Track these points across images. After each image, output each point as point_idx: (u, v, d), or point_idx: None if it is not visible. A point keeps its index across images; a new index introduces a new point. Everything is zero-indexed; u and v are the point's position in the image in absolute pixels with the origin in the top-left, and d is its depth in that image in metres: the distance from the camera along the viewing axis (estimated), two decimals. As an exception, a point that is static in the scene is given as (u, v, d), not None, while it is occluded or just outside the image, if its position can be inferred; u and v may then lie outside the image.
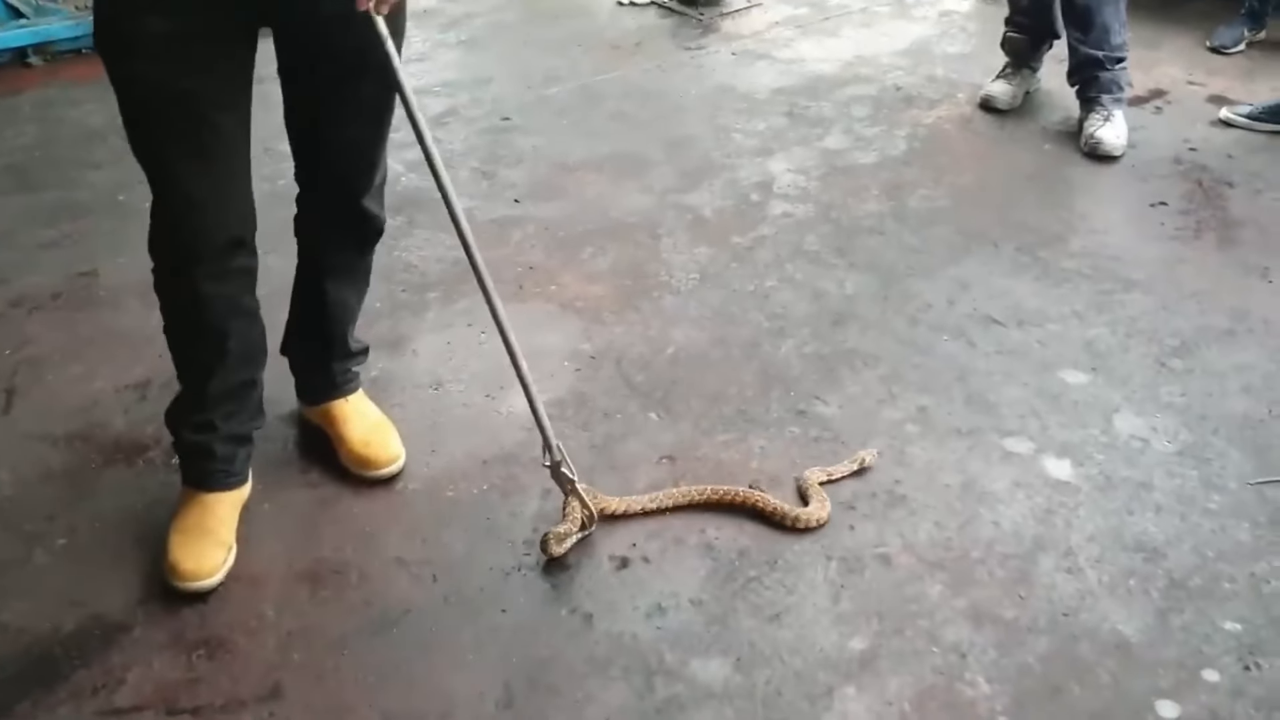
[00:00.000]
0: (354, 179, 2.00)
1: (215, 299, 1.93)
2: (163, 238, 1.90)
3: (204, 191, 1.82)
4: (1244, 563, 2.09)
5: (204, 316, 1.94)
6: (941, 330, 2.71)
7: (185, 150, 1.78)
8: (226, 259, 1.91)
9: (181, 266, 1.90)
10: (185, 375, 2.05)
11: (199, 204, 1.83)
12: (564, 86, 3.94)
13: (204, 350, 1.99)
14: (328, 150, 1.97)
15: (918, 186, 3.32)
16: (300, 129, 1.98)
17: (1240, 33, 4.19)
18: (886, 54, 4.19)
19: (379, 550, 2.11)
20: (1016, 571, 2.08)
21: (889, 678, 1.88)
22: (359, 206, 2.03)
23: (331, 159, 1.98)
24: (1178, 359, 2.61)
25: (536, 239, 3.03)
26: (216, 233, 1.87)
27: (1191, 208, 3.22)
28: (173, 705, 1.82)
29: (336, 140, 1.94)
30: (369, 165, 2.00)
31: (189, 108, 1.74)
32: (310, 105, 1.92)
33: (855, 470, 2.27)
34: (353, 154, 1.97)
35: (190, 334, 2.00)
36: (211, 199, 1.84)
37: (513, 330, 2.05)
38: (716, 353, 2.63)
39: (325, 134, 1.95)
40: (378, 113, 1.95)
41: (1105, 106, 3.51)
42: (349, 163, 1.97)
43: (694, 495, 2.18)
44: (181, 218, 1.86)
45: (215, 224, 1.87)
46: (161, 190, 1.84)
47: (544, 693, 1.85)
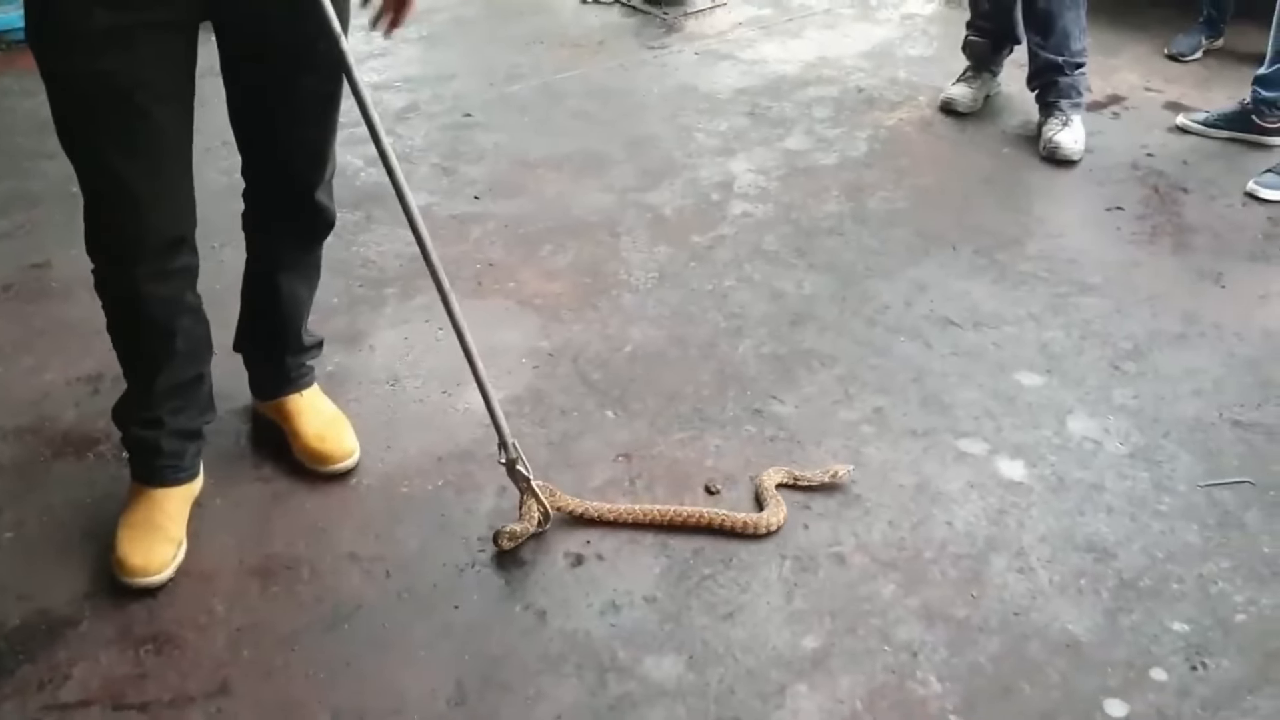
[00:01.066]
0: (306, 173, 1.98)
1: (158, 299, 1.90)
2: (102, 238, 1.86)
3: (146, 189, 1.79)
4: (1193, 564, 2.11)
5: (148, 316, 1.92)
6: (899, 331, 2.72)
7: (127, 147, 1.74)
8: (168, 258, 1.88)
9: (123, 267, 1.86)
10: (131, 373, 2.03)
11: (141, 202, 1.80)
12: (526, 84, 3.93)
13: (149, 349, 1.97)
14: (277, 145, 1.95)
15: (878, 188, 3.34)
16: (247, 124, 1.95)
17: (1198, 40, 4.24)
18: (849, 56, 4.21)
19: (331, 546, 2.09)
20: (969, 571, 2.09)
21: (841, 676, 1.89)
22: (311, 200, 2.01)
23: (281, 154, 1.95)
24: (1131, 362, 2.64)
25: (496, 236, 3.02)
26: (159, 232, 1.84)
27: (1147, 212, 3.26)
28: (119, 700, 1.80)
29: (286, 135, 1.92)
30: (320, 158, 1.98)
31: (132, 103, 1.71)
32: (257, 99, 1.90)
33: (826, 482, 2.26)
34: (303, 148, 1.94)
35: (134, 333, 1.97)
36: (154, 197, 1.81)
37: (469, 327, 2.03)
38: (674, 351, 2.63)
39: (274, 129, 1.92)
40: (326, 105, 1.93)
41: (1064, 111, 3.55)
42: (300, 157, 1.95)
43: (655, 515, 2.15)
44: (123, 217, 1.82)
45: (157, 223, 1.84)
46: (100, 189, 1.80)
47: (496, 690, 1.84)
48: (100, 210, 1.83)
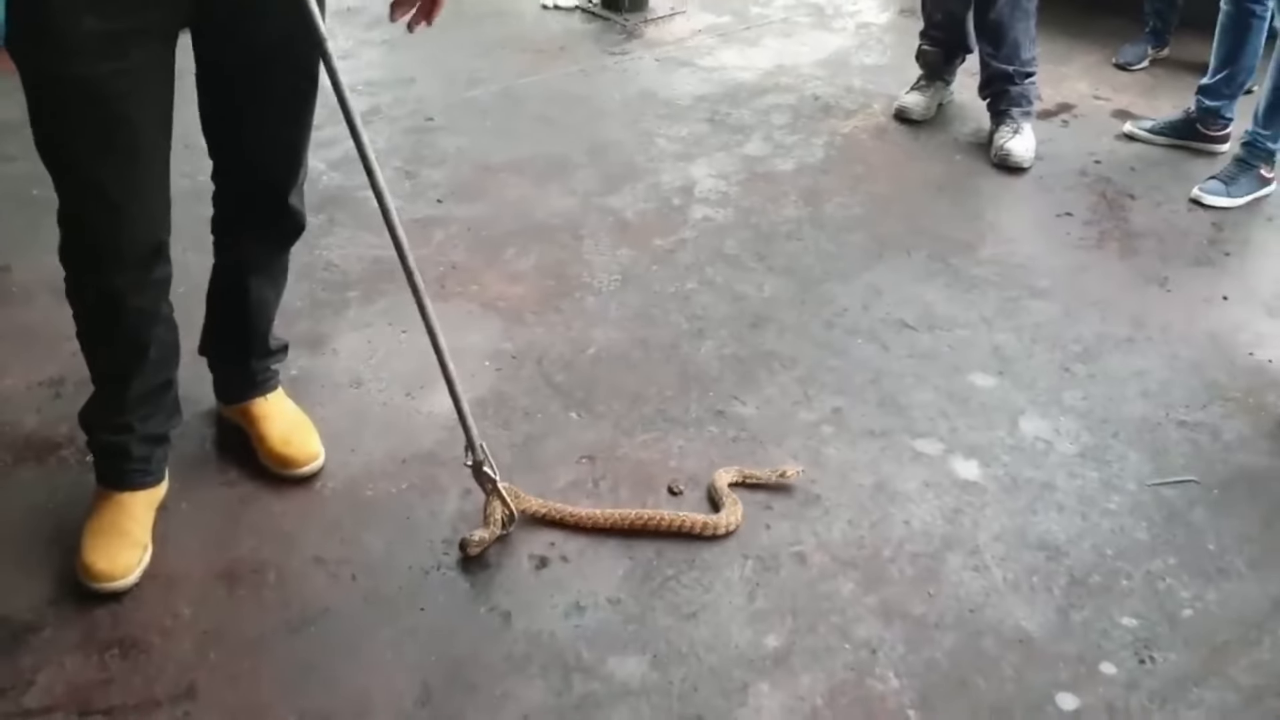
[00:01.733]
0: (280, 175, 1.98)
1: (136, 309, 1.90)
2: (79, 246, 1.86)
3: (129, 198, 1.79)
4: (1141, 561, 2.18)
5: (125, 325, 1.92)
6: (856, 333, 2.77)
7: (109, 153, 1.74)
8: (148, 268, 1.88)
9: (103, 276, 1.86)
10: (102, 379, 2.02)
11: (124, 211, 1.80)
12: (488, 88, 3.94)
13: (123, 357, 1.97)
14: (251, 148, 1.95)
15: (834, 194, 3.39)
16: (220, 127, 1.95)
17: (1144, 50, 4.34)
18: (806, 64, 4.26)
19: (297, 549, 2.10)
20: (925, 569, 2.14)
21: (802, 674, 1.93)
22: (285, 204, 2.03)
23: (256, 155, 1.96)
24: (1080, 364, 2.71)
25: (459, 239, 3.04)
26: (139, 240, 1.85)
27: (1095, 218, 3.33)
28: (85, 706, 1.80)
29: (260, 135, 1.93)
30: (294, 160, 1.99)
31: (118, 110, 1.71)
32: (232, 101, 1.90)
33: (775, 480, 2.30)
34: (278, 149, 1.95)
35: (109, 341, 1.97)
36: (134, 204, 1.81)
37: (422, 326, 2.05)
38: (637, 353, 2.66)
39: (249, 130, 1.93)
40: (301, 104, 1.94)
41: (1015, 119, 3.61)
42: (274, 158, 1.96)
43: (616, 518, 2.17)
44: (105, 226, 1.82)
45: (138, 231, 1.84)
46: (82, 198, 1.79)
47: (462, 690, 1.86)
48: (81, 220, 1.82)
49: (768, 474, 2.30)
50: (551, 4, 4.62)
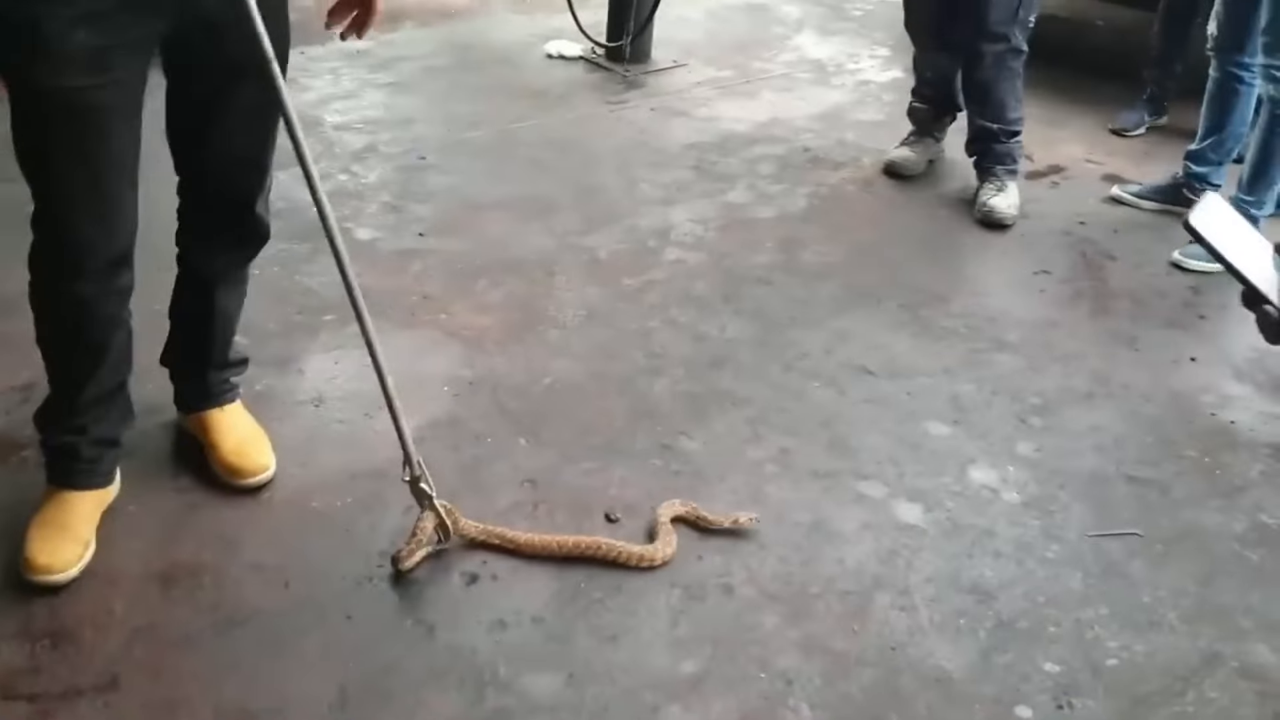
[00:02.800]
0: (245, 184, 2.06)
1: (98, 315, 1.99)
2: (49, 251, 1.94)
3: (98, 206, 1.88)
4: (1072, 609, 2.19)
5: (86, 330, 2.00)
6: (815, 377, 2.81)
7: (84, 164, 1.83)
8: (113, 275, 1.97)
9: (68, 281, 1.94)
10: (59, 383, 2.10)
11: (93, 219, 1.89)
12: (484, 131, 4.04)
13: (82, 361, 2.05)
14: (216, 159, 2.03)
15: (812, 242, 3.44)
16: (186, 136, 2.03)
17: (1141, 117, 4.38)
18: (801, 117, 4.34)
19: (237, 555, 2.16)
20: (853, 606, 2.16)
21: (714, 700, 1.95)
22: (250, 212, 2.10)
23: (221, 164, 2.03)
24: (1037, 417, 2.73)
25: (435, 270, 3.12)
26: (106, 248, 1.93)
27: (1072, 277, 3.36)
28: (10, 691, 1.86)
29: (226, 149, 1.99)
30: (259, 169, 2.06)
31: (99, 122, 1.80)
32: (198, 110, 1.98)
33: (728, 524, 2.29)
34: (243, 163, 2.02)
35: (69, 346, 2.05)
36: (104, 214, 1.89)
37: (396, 354, 2.16)
38: (592, 386, 2.71)
39: (214, 143, 2.00)
40: (265, 115, 1.99)
41: (999, 177, 3.66)
42: (239, 167, 2.03)
43: (552, 545, 2.20)
44: (73, 232, 1.90)
45: (106, 239, 1.92)
46: (56, 206, 1.88)
47: (378, 698, 1.90)
48: (55, 226, 1.90)
49: (720, 519, 2.30)
50: (556, 53, 4.74)
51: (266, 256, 3.01)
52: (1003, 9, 3.48)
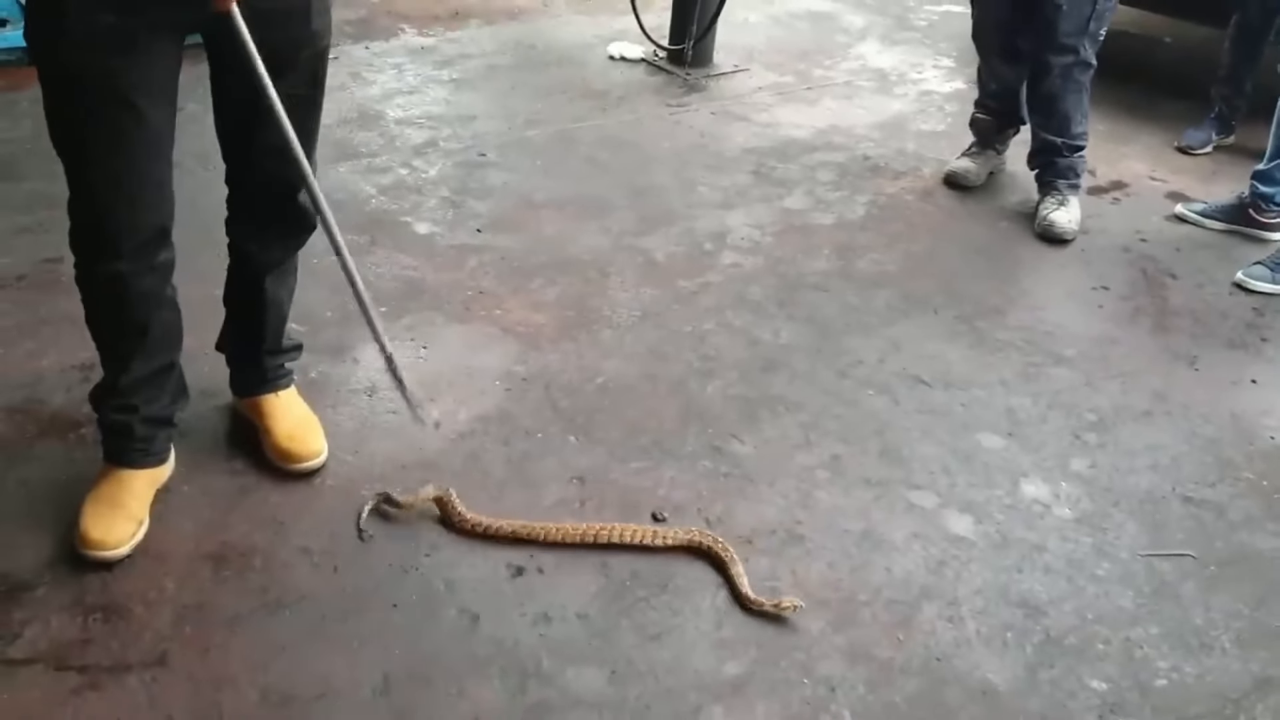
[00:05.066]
0: (288, 175, 2.08)
1: (139, 292, 2.02)
2: (85, 232, 1.97)
3: (129, 187, 1.91)
4: (1121, 628, 2.15)
5: (127, 309, 2.03)
6: (868, 385, 2.79)
7: (114, 145, 1.86)
8: (152, 252, 2.00)
9: (105, 260, 1.97)
10: (107, 361, 2.14)
11: (125, 200, 1.92)
12: (543, 130, 4.06)
13: (126, 340, 2.08)
14: (258, 152, 2.05)
15: (869, 250, 3.42)
16: (230, 128, 2.07)
17: (1208, 135, 4.31)
18: (861, 125, 4.32)
19: (286, 538, 2.18)
20: (899, 616, 2.14)
21: (757, 702, 1.94)
22: (293, 202, 2.13)
23: (263, 156, 2.06)
24: (1093, 433, 2.69)
25: (491, 266, 3.13)
26: (141, 227, 1.96)
27: (1132, 294, 3.31)
28: (62, 662, 1.89)
29: (266, 142, 2.00)
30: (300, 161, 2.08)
31: (128, 101, 1.82)
32: (240, 103, 2.00)
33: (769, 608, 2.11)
34: (284, 150, 2.04)
35: (113, 325, 2.08)
36: (136, 194, 1.93)
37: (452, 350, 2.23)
38: (644, 386, 2.71)
39: (253, 137, 2.02)
40: (305, 109, 2.02)
41: (1061, 191, 3.62)
42: (281, 159, 2.05)
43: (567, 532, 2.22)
44: (107, 213, 1.94)
45: (140, 218, 1.96)
46: (92, 185, 1.91)
47: (420, 685, 1.92)
48: (91, 207, 1.94)
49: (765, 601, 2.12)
50: (618, 55, 4.76)
51: (323, 246, 3.03)
52: (1074, 21, 3.44)
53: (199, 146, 2.65)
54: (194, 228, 2.26)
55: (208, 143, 2.20)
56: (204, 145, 2.48)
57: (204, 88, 2.05)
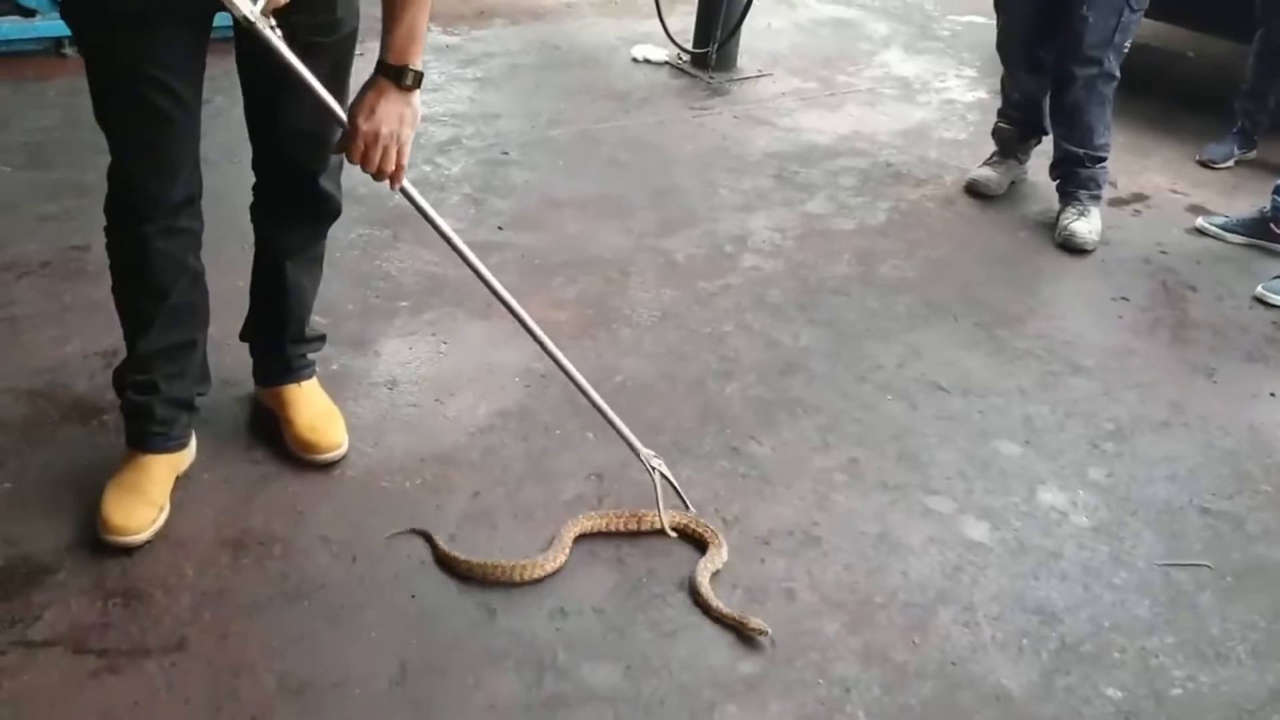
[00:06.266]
0: (310, 161, 2.10)
1: (162, 255, 2.05)
2: (116, 197, 2.03)
3: (163, 153, 1.96)
4: (1138, 636, 2.15)
5: (149, 271, 2.06)
6: (887, 390, 2.80)
7: (148, 115, 1.90)
8: (178, 215, 2.03)
9: (135, 221, 2.02)
10: (129, 332, 2.16)
11: (157, 164, 1.96)
12: (566, 129, 4.08)
13: (147, 305, 2.11)
14: (282, 135, 2.08)
15: (890, 256, 3.43)
16: (256, 114, 2.10)
17: (1230, 150, 4.31)
18: (884, 132, 4.32)
19: (306, 528, 2.19)
20: (915, 619, 2.14)
21: (771, 701, 1.94)
22: (315, 187, 2.14)
23: (287, 144, 2.08)
24: (1110, 442, 2.69)
25: (512, 264, 3.15)
26: (168, 196, 2.00)
27: (1152, 305, 3.31)
28: (81, 645, 1.90)
29: (290, 126, 2.04)
30: (323, 147, 2.08)
31: (152, 78, 1.87)
32: (264, 89, 2.03)
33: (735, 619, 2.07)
34: (307, 139, 2.06)
35: (135, 288, 2.11)
36: (168, 159, 1.97)
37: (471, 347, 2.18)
38: (662, 386, 2.72)
39: (278, 120, 2.05)
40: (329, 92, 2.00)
41: (1082, 202, 3.62)
42: (304, 146, 2.08)
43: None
44: (136, 181, 1.98)
45: (170, 183, 1.99)
46: (123, 151, 1.97)
47: (437, 675, 1.92)
48: (125, 174, 2.00)
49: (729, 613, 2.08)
50: (642, 58, 4.77)
51: (347, 240, 3.12)
52: (1099, 32, 3.44)
53: (226, 140, 2.69)
54: (220, 220, 2.29)
55: (234, 136, 2.24)
56: (230, 139, 2.53)
57: (230, 81, 2.08)
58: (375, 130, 1.87)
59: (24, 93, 3.92)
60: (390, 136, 1.89)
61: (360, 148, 1.89)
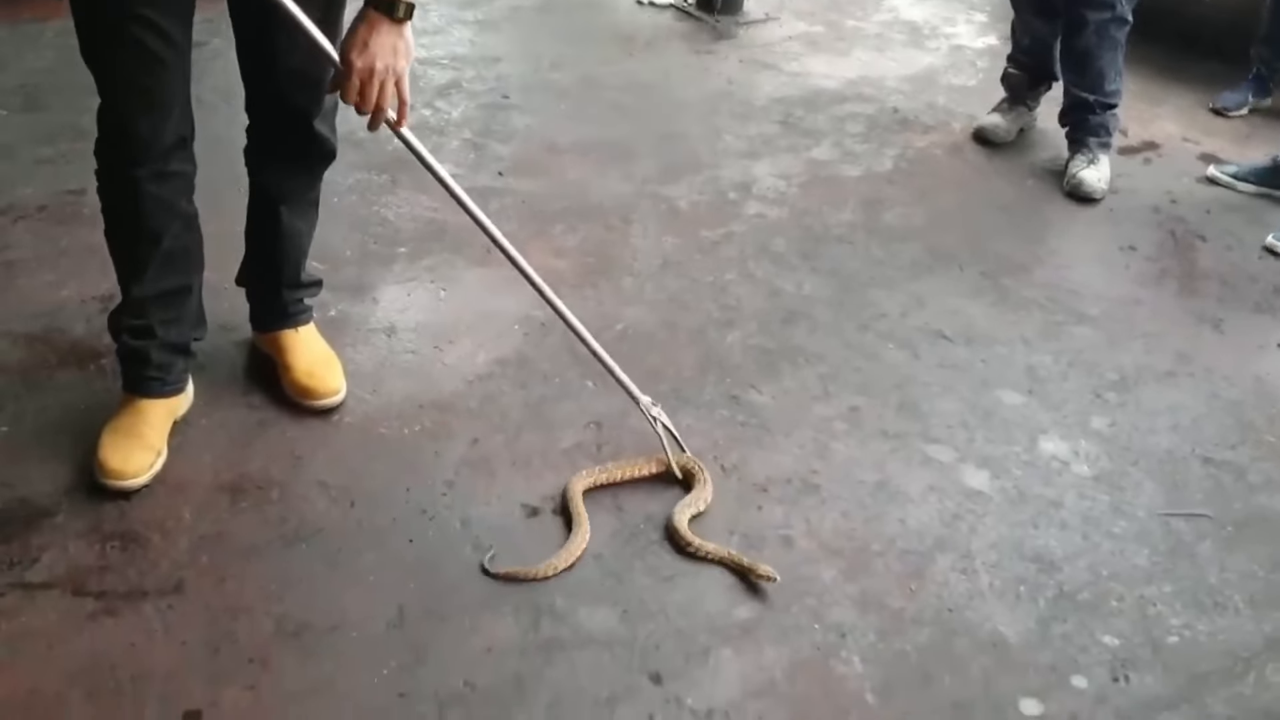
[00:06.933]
0: (303, 101, 2.08)
1: (154, 199, 2.03)
2: (107, 140, 2.00)
3: (152, 93, 1.93)
4: (1136, 585, 2.15)
5: (141, 215, 2.04)
6: (889, 339, 2.78)
7: (137, 54, 1.88)
8: (169, 159, 2.01)
9: (126, 165, 1.99)
10: (123, 277, 2.15)
11: (147, 105, 1.94)
12: (568, 73, 4.03)
13: (140, 250, 2.09)
14: (275, 75, 2.05)
15: (896, 204, 3.39)
16: (249, 56, 2.07)
17: (1245, 97, 4.23)
18: (892, 78, 4.27)
19: (304, 473, 2.20)
20: (912, 567, 2.14)
21: (767, 646, 1.95)
22: (309, 129, 2.12)
23: (281, 85, 2.06)
24: (1113, 392, 2.67)
25: (513, 211, 3.12)
26: (159, 138, 1.97)
27: (1159, 255, 3.28)
28: (80, 588, 1.91)
29: (283, 65, 2.02)
30: (317, 87, 2.06)
31: (140, 15, 1.84)
32: (255, 28, 2.01)
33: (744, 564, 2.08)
34: (299, 77, 2.04)
35: (128, 233, 2.09)
36: (158, 100, 1.94)
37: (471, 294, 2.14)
38: (662, 334, 2.71)
39: (271, 59, 2.03)
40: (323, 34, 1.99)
41: (1091, 149, 3.57)
42: (299, 88, 2.05)
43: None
44: (132, 118, 1.95)
45: (161, 124, 1.97)
46: (112, 92, 1.94)
47: (434, 619, 1.93)
48: (111, 117, 1.97)
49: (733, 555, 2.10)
50: (646, 0, 4.70)
51: (345, 185, 3.09)
52: (1112, -25, 3.38)
53: (223, 83, 2.65)
54: (216, 164, 2.26)
55: (231, 79, 2.20)
56: (227, 81, 2.50)
57: (227, 23, 2.05)
58: (370, 66, 1.82)
59: (20, 34, 3.88)
60: (386, 71, 1.84)
61: (356, 86, 1.84)
